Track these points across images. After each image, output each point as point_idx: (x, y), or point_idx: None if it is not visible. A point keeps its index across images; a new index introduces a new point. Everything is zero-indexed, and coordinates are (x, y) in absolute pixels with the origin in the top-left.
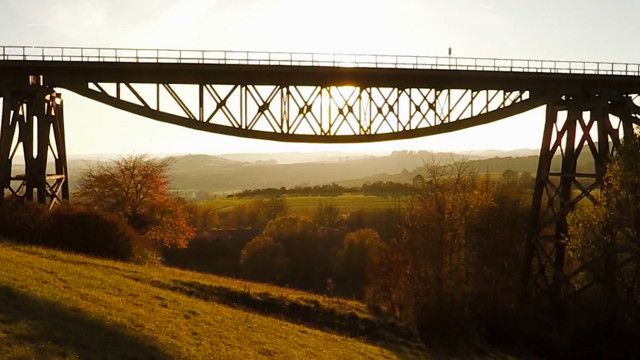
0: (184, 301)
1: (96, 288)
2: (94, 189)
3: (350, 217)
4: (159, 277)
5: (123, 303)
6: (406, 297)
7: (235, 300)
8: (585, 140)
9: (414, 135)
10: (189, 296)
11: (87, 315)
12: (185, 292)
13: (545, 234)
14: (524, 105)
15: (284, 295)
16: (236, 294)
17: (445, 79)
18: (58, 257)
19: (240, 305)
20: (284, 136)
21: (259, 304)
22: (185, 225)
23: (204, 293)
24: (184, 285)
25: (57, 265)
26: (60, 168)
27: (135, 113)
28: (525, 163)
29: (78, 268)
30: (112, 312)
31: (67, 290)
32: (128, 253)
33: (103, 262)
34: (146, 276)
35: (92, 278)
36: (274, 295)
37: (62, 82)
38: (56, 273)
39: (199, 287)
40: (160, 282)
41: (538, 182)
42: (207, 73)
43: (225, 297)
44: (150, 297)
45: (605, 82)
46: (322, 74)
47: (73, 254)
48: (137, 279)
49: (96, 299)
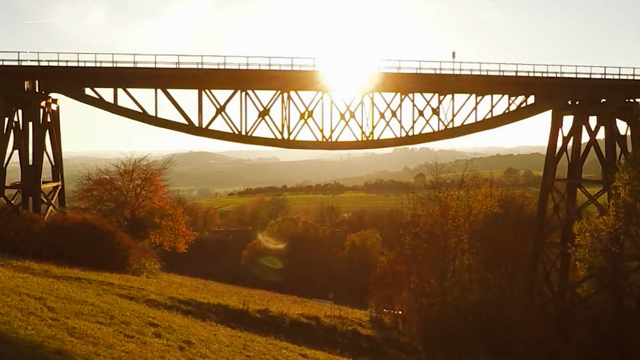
0: (179, 326)
1: (87, 316)
2: (92, 193)
3: (352, 216)
4: (155, 292)
5: (114, 336)
6: (410, 311)
7: (234, 319)
8: (591, 145)
9: (417, 141)
10: (185, 316)
11: (72, 359)
12: (182, 311)
13: (551, 241)
14: (529, 110)
15: (284, 311)
16: (235, 312)
17: (449, 84)
18: (51, 272)
19: (238, 324)
20: (285, 142)
21: (258, 322)
22: (185, 229)
23: (201, 311)
24: (181, 303)
25: (47, 287)
26: (56, 175)
27: (133, 119)
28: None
29: (70, 288)
30: (99, 352)
31: (54, 324)
32: (125, 263)
33: (98, 276)
34: (142, 293)
35: (83, 303)
36: (274, 312)
37: (58, 87)
38: (45, 299)
39: (196, 305)
40: (156, 301)
41: (543, 188)
42: (206, 78)
43: (223, 316)
44: (143, 325)
45: (612, 87)
46: (323, 79)
47: (68, 268)
48: (132, 298)
49: (84, 334)
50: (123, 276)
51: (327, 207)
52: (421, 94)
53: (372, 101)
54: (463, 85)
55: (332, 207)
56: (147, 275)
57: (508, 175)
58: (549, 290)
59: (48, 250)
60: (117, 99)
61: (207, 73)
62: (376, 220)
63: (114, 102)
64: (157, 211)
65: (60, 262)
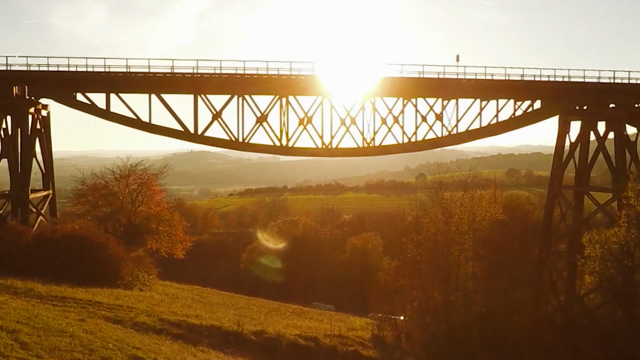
0: (166, 358)
1: (63, 352)
2: (87, 198)
3: (352, 218)
4: (145, 311)
5: None
6: (413, 327)
7: (228, 342)
8: (600, 152)
9: (420, 148)
10: (175, 341)
11: None
12: (172, 335)
13: (557, 249)
14: (536, 115)
15: (281, 332)
16: (229, 335)
17: (452, 88)
18: (36, 291)
19: (232, 348)
20: (283, 149)
21: (253, 345)
22: (182, 235)
23: (193, 335)
24: (172, 326)
25: (25, 315)
26: (47, 183)
27: (127, 125)
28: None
29: (52, 313)
30: None
31: None
32: (117, 276)
33: (86, 294)
34: (130, 315)
35: (62, 334)
36: (270, 334)
37: (48, 93)
38: (18, 333)
39: (188, 328)
40: (144, 324)
41: (550, 196)
42: (201, 83)
43: (216, 340)
44: (126, 359)
45: (622, 91)
46: (323, 84)
47: (54, 285)
48: (118, 322)
49: None
50: (114, 292)
51: (327, 208)
52: (424, 99)
53: (374, 106)
54: (467, 89)
55: (333, 208)
56: (140, 288)
57: (509, 176)
58: (556, 299)
59: (35, 264)
60: (109, 105)
61: (203, 79)
62: (377, 222)
63: (107, 108)
64: (154, 217)
65: (46, 279)
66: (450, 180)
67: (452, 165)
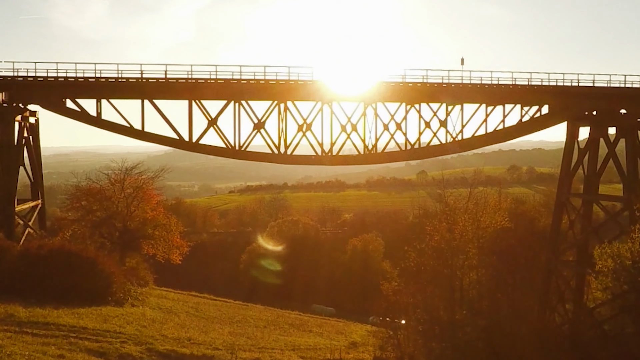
0: None
1: None
2: (81, 203)
3: (353, 217)
4: (133, 336)
5: None
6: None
7: None
8: (610, 159)
9: (424, 155)
10: None
11: None
12: None
13: (565, 259)
14: (543, 121)
15: None
16: None
17: (457, 93)
18: (16, 317)
19: None
20: (282, 157)
21: None
22: (179, 240)
23: None
24: (160, 358)
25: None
26: (36, 193)
27: (119, 133)
28: (529, 156)
29: (29, 349)
30: None
31: None
32: (107, 292)
33: (72, 317)
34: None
35: None
36: None
37: (35, 99)
38: None
39: (178, 359)
40: (130, 356)
41: (558, 204)
42: (196, 88)
43: None
44: None
45: (633, 96)
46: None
47: (38, 307)
48: (102, 354)
49: None
50: (103, 311)
51: (328, 208)
52: (427, 104)
53: (375, 112)
54: (472, 94)
55: (334, 208)
56: (133, 303)
57: (511, 172)
58: (563, 309)
59: (20, 282)
60: (100, 111)
61: (198, 84)
62: (378, 221)
63: (98, 114)
64: (150, 221)
65: (30, 300)
66: (452, 177)
67: (453, 162)
